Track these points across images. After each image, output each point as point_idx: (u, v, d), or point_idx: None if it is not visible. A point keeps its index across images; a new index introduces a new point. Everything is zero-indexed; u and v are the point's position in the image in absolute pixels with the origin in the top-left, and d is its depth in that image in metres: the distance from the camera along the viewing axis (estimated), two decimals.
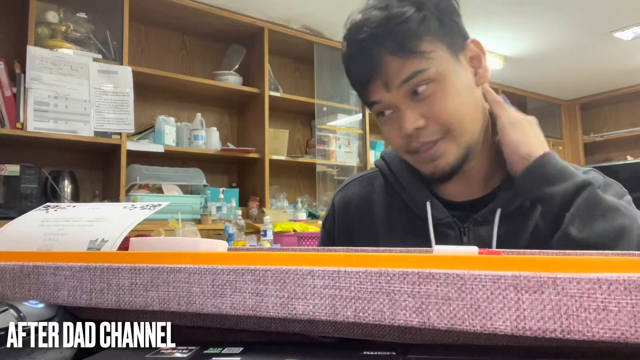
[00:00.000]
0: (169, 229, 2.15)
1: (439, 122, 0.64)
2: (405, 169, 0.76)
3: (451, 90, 0.64)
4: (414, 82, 0.63)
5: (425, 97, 0.64)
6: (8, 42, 2.42)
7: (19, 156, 2.34)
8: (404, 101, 0.64)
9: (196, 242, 0.47)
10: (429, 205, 0.71)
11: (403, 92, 0.64)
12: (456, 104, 0.65)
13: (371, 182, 0.82)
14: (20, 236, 0.50)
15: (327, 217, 0.87)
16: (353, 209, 0.81)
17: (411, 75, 0.63)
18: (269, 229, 2.48)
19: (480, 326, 0.26)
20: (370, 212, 0.79)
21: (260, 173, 3.00)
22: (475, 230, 0.70)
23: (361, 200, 0.81)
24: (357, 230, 0.80)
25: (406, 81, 0.63)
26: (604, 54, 3.77)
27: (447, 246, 0.40)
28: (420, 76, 0.63)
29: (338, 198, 0.85)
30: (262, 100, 3.01)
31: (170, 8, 2.74)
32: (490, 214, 0.69)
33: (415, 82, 0.63)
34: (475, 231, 0.70)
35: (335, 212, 0.84)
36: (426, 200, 0.72)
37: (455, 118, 0.65)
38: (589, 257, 0.29)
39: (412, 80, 0.63)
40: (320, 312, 0.29)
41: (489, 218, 0.69)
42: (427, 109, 0.64)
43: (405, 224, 0.75)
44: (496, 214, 0.69)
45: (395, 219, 0.76)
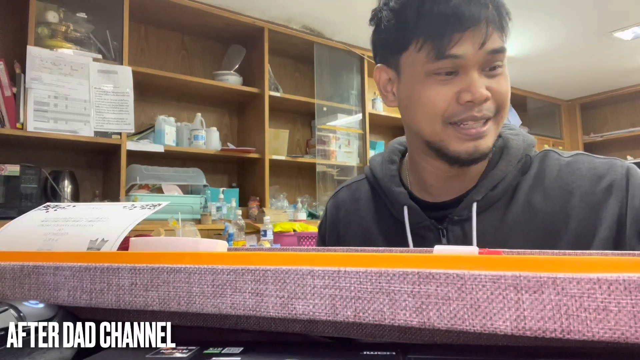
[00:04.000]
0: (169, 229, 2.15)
1: (499, 99, 0.65)
2: (385, 173, 0.76)
3: (508, 81, 0.67)
4: (498, 57, 0.64)
5: (495, 75, 0.65)
6: (8, 42, 2.41)
7: (19, 156, 2.34)
8: (478, 68, 0.63)
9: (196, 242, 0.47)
10: (406, 210, 0.72)
11: (485, 59, 0.63)
12: (509, 92, 0.67)
13: (359, 188, 0.83)
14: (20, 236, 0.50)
15: (321, 223, 0.88)
16: (342, 214, 0.83)
17: (500, 50, 0.63)
18: (269, 229, 2.48)
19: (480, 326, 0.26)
20: (358, 218, 0.80)
21: (260, 173, 3.00)
22: (454, 229, 0.69)
23: (350, 206, 0.82)
24: (345, 236, 0.81)
25: (495, 52, 0.63)
26: (604, 54, 3.77)
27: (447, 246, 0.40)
28: (503, 55, 0.64)
29: (330, 204, 0.87)
30: (262, 100, 3.01)
31: (170, 8, 2.74)
32: (466, 211, 0.68)
33: (498, 58, 0.64)
34: (453, 230, 0.69)
35: (327, 218, 0.86)
36: (403, 205, 0.72)
37: (507, 102, 0.67)
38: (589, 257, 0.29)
39: (498, 55, 0.63)
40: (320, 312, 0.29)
41: (465, 215, 0.68)
42: (494, 84, 0.64)
43: (389, 229, 0.75)
44: (472, 209, 0.68)
45: (381, 224, 0.77)
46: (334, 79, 3.41)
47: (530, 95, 4.75)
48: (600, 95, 4.82)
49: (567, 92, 4.83)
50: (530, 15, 3.10)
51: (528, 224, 0.66)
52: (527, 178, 0.69)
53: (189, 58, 3.10)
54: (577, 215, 0.65)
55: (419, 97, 0.65)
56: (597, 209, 0.64)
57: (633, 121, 4.79)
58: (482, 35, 0.61)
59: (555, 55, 3.76)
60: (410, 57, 0.66)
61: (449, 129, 0.65)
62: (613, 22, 3.22)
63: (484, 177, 0.69)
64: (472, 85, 0.62)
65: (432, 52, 0.62)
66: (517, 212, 0.67)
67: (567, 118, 5.06)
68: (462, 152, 0.65)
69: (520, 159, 0.70)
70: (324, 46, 3.34)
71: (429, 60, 0.63)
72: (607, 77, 4.34)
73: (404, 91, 0.69)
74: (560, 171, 0.68)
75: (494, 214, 0.68)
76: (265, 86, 3.00)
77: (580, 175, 0.67)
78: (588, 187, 0.66)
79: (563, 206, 0.66)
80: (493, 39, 0.62)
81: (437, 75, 0.64)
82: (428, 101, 0.65)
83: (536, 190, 0.68)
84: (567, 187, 0.67)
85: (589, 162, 0.68)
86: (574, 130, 5.02)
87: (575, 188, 0.66)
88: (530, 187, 0.68)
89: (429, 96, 0.64)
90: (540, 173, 0.69)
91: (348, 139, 3.49)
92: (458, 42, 0.61)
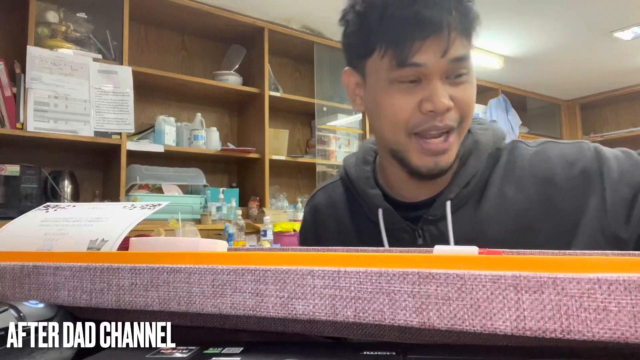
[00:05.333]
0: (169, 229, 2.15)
1: (462, 109, 0.63)
2: (360, 175, 0.75)
3: (474, 89, 0.65)
4: (462, 65, 0.62)
5: (459, 83, 0.63)
6: (8, 42, 2.41)
7: (19, 156, 2.33)
8: (440, 76, 0.61)
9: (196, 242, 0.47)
10: (381, 212, 0.71)
11: (447, 67, 0.61)
12: (474, 101, 0.66)
13: (335, 190, 0.82)
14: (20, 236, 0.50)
15: (301, 228, 0.88)
16: (320, 217, 0.83)
17: (464, 57, 0.61)
18: (269, 229, 2.48)
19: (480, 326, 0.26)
20: (334, 220, 0.80)
21: (260, 173, 3.00)
22: (429, 229, 0.69)
23: (326, 209, 0.82)
24: (325, 238, 0.81)
25: (458, 60, 0.61)
26: (604, 54, 3.77)
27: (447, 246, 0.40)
28: (467, 62, 0.62)
29: (307, 209, 0.86)
30: (262, 100, 3.01)
31: (170, 8, 2.74)
32: (440, 210, 0.68)
33: (463, 66, 0.62)
34: (429, 230, 0.69)
35: (306, 223, 0.86)
36: (378, 207, 0.71)
37: (471, 112, 0.65)
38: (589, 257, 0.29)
39: (462, 62, 0.61)
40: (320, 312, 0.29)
41: (440, 214, 0.68)
42: (457, 94, 0.63)
43: (366, 230, 0.75)
44: (446, 208, 0.67)
45: (357, 226, 0.77)
46: (334, 79, 3.41)
47: (530, 95, 4.75)
48: (600, 95, 4.82)
49: (567, 92, 4.83)
50: (530, 16, 3.10)
51: (502, 216, 0.66)
52: (497, 170, 0.69)
53: (189, 58, 3.10)
54: (555, 204, 0.64)
55: (383, 105, 0.64)
56: (576, 198, 0.63)
57: (633, 121, 4.79)
58: (444, 42, 0.59)
59: (555, 55, 3.76)
60: (375, 63, 0.64)
61: (412, 139, 0.64)
62: (613, 22, 3.22)
63: (456, 176, 0.69)
64: (434, 95, 0.61)
65: (394, 59, 0.61)
66: (490, 205, 0.67)
67: (567, 118, 5.06)
68: (422, 167, 0.65)
69: (491, 153, 0.69)
70: (324, 46, 3.34)
71: (391, 67, 0.62)
72: (607, 77, 4.34)
73: (369, 97, 0.68)
74: (531, 160, 0.68)
75: (468, 210, 0.68)
76: (265, 86, 3.00)
77: (551, 163, 0.66)
78: (561, 174, 0.65)
79: (537, 195, 0.65)
80: (456, 47, 0.60)
81: (400, 83, 0.62)
82: (391, 110, 0.64)
83: (508, 181, 0.67)
84: (539, 176, 0.66)
85: (557, 149, 0.68)
86: (574, 130, 5.01)
87: (548, 176, 0.65)
88: (502, 179, 0.68)
89: (391, 105, 0.63)
90: (510, 164, 0.69)
91: (348, 139, 3.49)
92: (420, 50, 0.60)
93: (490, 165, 0.69)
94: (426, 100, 0.61)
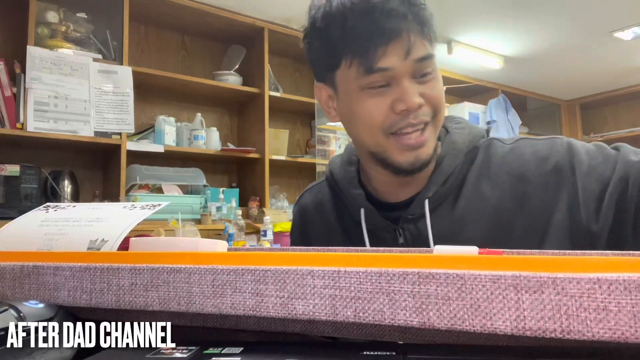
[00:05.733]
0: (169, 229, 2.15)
1: (433, 103, 0.66)
2: (344, 176, 0.77)
3: (441, 84, 0.68)
4: (427, 64, 0.64)
5: (426, 81, 0.65)
6: (8, 42, 2.41)
7: (19, 156, 2.33)
8: (408, 77, 0.64)
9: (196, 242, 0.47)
10: (363, 212, 0.73)
11: (413, 68, 0.64)
12: (444, 94, 0.68)
13: (321, 190, 0.84)
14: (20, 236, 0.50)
15: (291, 229, 0.90)
16: (307, 218, 0.84)
17: (427, 57, 0.64)
18: (269, 229, 2.47)
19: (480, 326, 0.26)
20: (321, 220, 0.81)
21: (260, 173, 3.00)
22: (409, 227, 0.70)
23: (313, 210, 0.83)
24: (313, 238, 0.82)
25: (422, 60, 0.64)
26: (604, 54, 3.77)
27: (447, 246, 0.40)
28: (431, 61, 0.65)
29: (295, 210, 0.88)
30: (262, 100, 3.01)
31: (170, 8, 2.74)
32: (419, 209, 0.69)
33: (427, 65, 0.64)
34: (409, 229, 0.70)
35: (295, 225, 0.88)
36: (360, 207, 0.73)
37: (443, 104, 0.68)
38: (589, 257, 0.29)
39: (426, 62, 0.64)
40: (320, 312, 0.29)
41: (418, 213, 0.69)
42: (427, 90, 0.65)
43: (350, 230, 0.76)
44: (425, 207, 0.69)
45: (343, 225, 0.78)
46: None
47: (530, 95, 4.75)
48: (600, 95, 4.82)
49: (567, 92, 4.83)
50: (530, 15, 3.10)
51: (479, 214, 0.67)
52: (473, 168, 0.70)
53: (189, 58, 3.10)
54: (529, 200, 0.65)
55: (357, 112, 0.67)
56: (548, 193, 0.65)
57: (633, 121, 4.78)
58: (405, 45, 0.62)
59: (555, 55, 3.76)
60: (344, 73, 0.67)
61: (390, 139, 0.66)
62: (613, 22, 3.22)
63: (433, 175, 0.70)
64: (405, 94, 0.63)
65: (361, 67, 0.63)
66: (467, 203, 0.68)
67: (567, 118, 5.06)
68: (404, 163, 0.67)
69: (468, 152, 0.71)
70: None
71: (359, 75, 0.64)
72: (607, 77, 4.34)
73: (343, 107, 0.70)
74: (505, 157, 0.69)
75: (446, 209, 0.69)
76: (265, 86, 3.00)
77: (525, 160, 0.68)
78: (534, 170, 0.66)
79: (512, 192, 0.67)
80: (418, 48, 0.63)
81: (370, 89, 0.65)
82: (366, 114, 0.66)
83: (483, 179, 0.69)
84: (514, 172, 0.67)
85: (531, 145, 0.69)
86: (574, 131, 5.01)
87: (522, 173, 0.67)
88: (477, 177, 0.69)
89: (365, 109, 0.66)
90: (486, 161, 0.70)
91: (348, 139, 3.48)
92: (384, 55, 0.62)
93: (467, 163, 0.71)
94: (398, 101, 0.64)
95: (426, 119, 0.66)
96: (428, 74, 0.65)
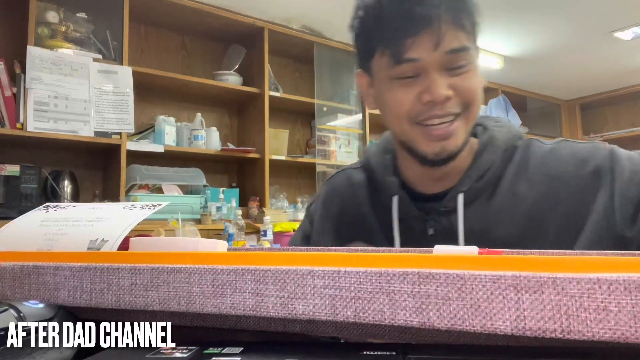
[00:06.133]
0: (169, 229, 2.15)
1: (464, 96, 0.65)
2: (380, 163, 0.77)
3: (478, 76, 0.67)
4: (460, 57, 0.63)
5: (459, 74, 0.65)
6: (8, 42, 2.41)
7: (19, 156, 2.33)
8: (438, 69, 0.63)
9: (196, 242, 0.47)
10: (396, 199, 0.72)
11: (444, 60, 0.63)
12: (479, 87, 0.67)
13: (355, 175, 0.84)
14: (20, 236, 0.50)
15: (311, 203, 0.89)
16: (337, 199, 0.83)
17: (461, 48, 0.63)
18: (269, 229, 2.47)
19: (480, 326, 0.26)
20: (353, 204, 0.81)
21: (260, 173, 3.00)
22: (441, 220, 0.70)
23: (345, 191, 0.83)
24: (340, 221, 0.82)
25: (454, 52, 0.63)
26: (604, 54, 3.77)
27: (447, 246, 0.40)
28: (466, 54, 0.64)
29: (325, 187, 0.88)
30: (262, 100, 3.01)
31: (170, 8, 2.74)
32: (452, 202, 0.69)
33: (461, 57, 0.63)
34: (440, 222, 0.70)
35: (320, 198, 0.86)
36: (393, 194, 0.73)
37: (476, 98, 0.66)
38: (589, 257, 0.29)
39: (459, 54, 0.63)
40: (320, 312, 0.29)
41: (452, 206, 0.69)
42: (458, 82, 0.64)
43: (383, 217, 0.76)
44: (458, 201, 0.68)
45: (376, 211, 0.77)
46: (334, 79, 3.41)
47: (530, 95, 4.75)
48: (600, 95, 4.82)
49: (567, 92, 4.83)
50: (530, 16, 3.10)
51: (513, 213, 0.67)
52: (511, 167, 0.70)
53: (189, 58, 3.10)
54: (565, 201, 0.65)
55: (387, 100, 0.68)
56: (585, 195, 0.64)
57: (633, 121, 4.78)
58: (435, 36, 0.61)
59: (555, 55, 3.76)
60: (378, 62, 0.68)
61: (416, 128, 0.66)
62: (613, 22, 3.22)
63: (470, 169, 0.70)
64: (431, 86, 0.63)
65: (391, 57, 0.64)
66: (502, 201, 0.68)
67: (567, 118, 5.06)
68: (429, 153, 0.67)
69: (506, 150, 0.71)
70: (324, 46, 3.34)
71: (390, 65, 0.65)
72: (607, 77, 4.34)
73: (377, 95, 0.71)
74: (544, 158, 0.69)
75: (480, 205, 0.69)
76: (265, 86, 3.00)
77: (563, 161, 0.67)
78: (573, 172, 0.66)
79: (548, 192, 0.66)
80: (449, 39, 0.62)
81: (400, 79, 0.65)
82: (394, 103, 0.67)
83: (520, 178, 0.69)
84: (551, 173, 0.67)
85: (571, 147, 0.69)
86: (574, 130, 5.01)
87: (559, 174, 0.66)
88: (514, 176, 0.69)
89: (394, 98, 0.66)
90: (524, 161, 0.70)
91: (348, 139, 3.49)
92: (412, 46, 0.62)
93: (504, 161, 0.70)
94: (424, 92, 0.64)
95: (455, 111, 0.65)
96: (462, 66, 0.64)
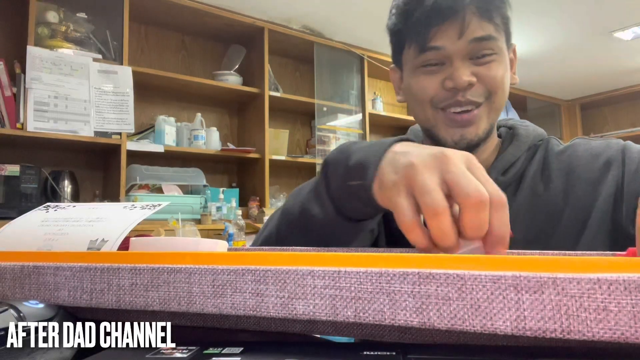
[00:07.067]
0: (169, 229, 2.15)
1: (488, 84, 0.66)
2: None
3: (504, 67, 0.68)
4: (485, 45, 0.65)
5: (484, 62, 0.66)
6: (8, 42, 2.41)
7: (19, 156, 2.34)
8: (462, 57, 0.66)
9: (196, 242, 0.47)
10: None
11: (468, 48, 0.65)
12: (504, 77, 0.68)
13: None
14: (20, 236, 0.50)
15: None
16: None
17: (486, 37, 0.65)
18: None
19: (480, 326, 0.26)
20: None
21: (260, 173, 3.00)
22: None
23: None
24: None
25: (479, 40, 0.65)
26: (604, 54, 3.77)
27: None
28: (491, 43, 0.66)
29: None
30: (262, 100, 3.01)
31: (170, 8, 2.74)
32: None
33: (486, 46, 0.65)
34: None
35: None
36: None
37: (500, 87, 0.68)
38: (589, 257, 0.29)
39: (484, 42, 0.65)
40: (320, 312, 0.29)
41: None
42: (482, 71, 0.66)
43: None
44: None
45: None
46: (334, 79, 3.41)
47: (530, 95, 4.75)
48: (600, 95, 4.82)
49: (567, 92, 4.83)
50: (530, 16, 3.10)
51: (531, 211, 0.68)
52: (532, 165, 0.72)
53: (189, 58, 3.10)
54: (576, 192, 0.67)
55: (412, 87, 0.70)
56: (596, 185, 0.66)
57: (633, 121, 4.79)
58: (459, 25, 0.64)
59: (555, 55, 3.76)
60: (406, 55, 0.71)
61: (439, 113, 0.68)
62: (613, 22, 3.22)
63: (496, 162, 0.72)
64: (455, 73, 0.65)
65: (417, 46, 0.67)
66: (523, 198, 0.69)
67: (567, 118, 5.06)
68: (449, 139, 0.68)
69: (530, 147, 0.73)
70: (324, 46, 3.34)
71: (415, 54, 0.68)
72: (607, 77, 4.34)
73: (405, 86, 0.74)
74: (559, 155, 0.71)
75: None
76: (265, 86, 3.00)
77: (577, 157, 0.70)
78: (585, 165, 0.68)
79: (562, 187, 0.68)
80: (474, 28, 0.64)
81: (425, 67, 0.68)
82: (418, 89, 0.69)
83: (539, 176, 0.70)
84: (566, 169, 0.69)
85: (585, 144, 0.71)
86: (574, 130, 5.01)
87: (573, 168, 0.69)
88: (535, 173, 0.71)
89: (419, 85, 0.69)
90: (543, 159, 0.72)
91: (348, 139, 3.48)
92: (437, 35, 0.65)
93: (527, 159, 0.72)
94: (448, 79, 0.66)
95: (478, 100, 0.67)
96: (487, 55, 0.66)
